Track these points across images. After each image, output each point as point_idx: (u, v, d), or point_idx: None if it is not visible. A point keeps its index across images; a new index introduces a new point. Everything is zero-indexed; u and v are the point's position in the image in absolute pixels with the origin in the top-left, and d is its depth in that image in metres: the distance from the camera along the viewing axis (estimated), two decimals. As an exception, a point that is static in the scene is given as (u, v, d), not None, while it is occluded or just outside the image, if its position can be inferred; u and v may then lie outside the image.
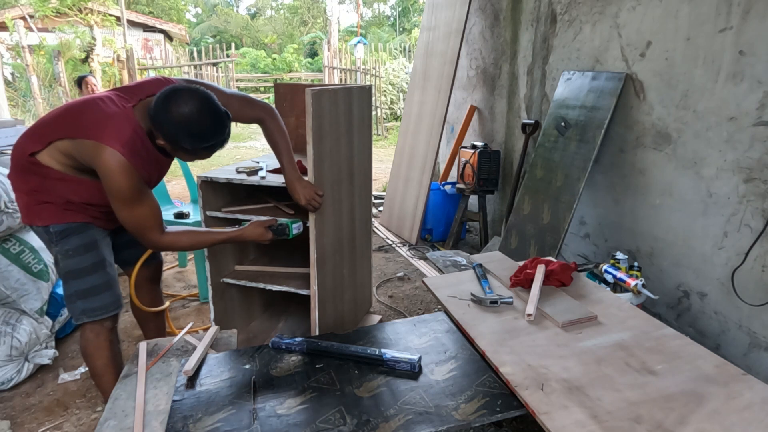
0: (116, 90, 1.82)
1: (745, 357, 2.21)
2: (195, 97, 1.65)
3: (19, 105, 8.82)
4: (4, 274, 2.40)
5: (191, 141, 1.68)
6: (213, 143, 1.71)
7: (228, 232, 1.97)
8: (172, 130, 1.65)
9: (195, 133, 1.66)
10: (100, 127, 1.64)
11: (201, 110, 1.65)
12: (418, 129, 4.43)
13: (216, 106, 1.69)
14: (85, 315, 1.88)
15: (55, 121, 1.76)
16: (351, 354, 1.68)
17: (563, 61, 3.26)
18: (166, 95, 1.65)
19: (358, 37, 18.08)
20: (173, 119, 1.63)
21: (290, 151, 2.05)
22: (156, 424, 1.46)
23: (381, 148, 9.24)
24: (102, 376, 1.97)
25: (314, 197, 2.01)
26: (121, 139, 1.63)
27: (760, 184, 2.10)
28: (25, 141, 1.78)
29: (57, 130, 1.72)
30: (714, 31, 2.23)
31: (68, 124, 1.71)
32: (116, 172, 1.63)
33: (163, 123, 1.65)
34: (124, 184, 1.65)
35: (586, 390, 1.38)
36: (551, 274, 2.02)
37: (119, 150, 1.62)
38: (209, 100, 1.68)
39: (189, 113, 1.63)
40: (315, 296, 2.18)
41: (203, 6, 27.68)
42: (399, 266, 3.85)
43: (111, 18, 10.74)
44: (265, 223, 2.00)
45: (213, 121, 1.68)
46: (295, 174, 2.02)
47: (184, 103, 1.63)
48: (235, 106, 1.94)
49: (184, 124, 1.63)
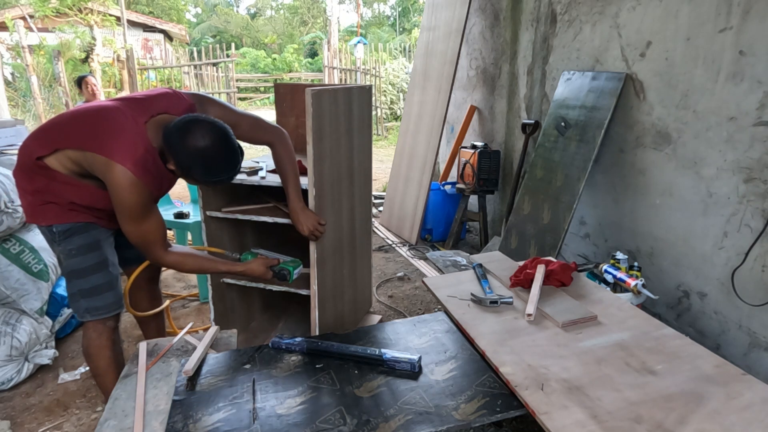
0: (127, 101, 1.80)
1: (745, 357, 2.21)
2: (212, 133, 1.66)
3: (19, 105, 8.82)
4: (4, 274, 2.40)
5: (203, 174, 1.71)
6: (224, 178, 1.74)
7: (231, 265, 1.99)
8: (187, 162, 1.67)
9: (208, 167, 1.69)
10: (111, 142, 1.65)
11: (217, 146, 1.67)
12: (418, 129, 4.43)
13: (231, 143, 1.71)
14: (89, 314, 1.89)
15: (66, 128, 1.75)
16: (351, 354, 1.68)
17: (563, 61, 3.26)
18: (185, 126, 1.65)
19: (358, 37, 18.09)
20: (189, 151, 1.64)
21: (297, 179, 2.05)
22: (156, 424, 1.46)
23: (381, 148, 9.24)
24: (104, 376, 1.97)
25: (317, 227, 2.04)
26: (132, 157, 1.64)
27: (760, 184, 2.10)
28: (32, 143, 1.77)
29: (68, 138, 1.72)
30: (714, 31, 2.23)
31: (80, 134, 1.71)
32: (125, 189, 1.65)
33: (177, 152, 1.66)
34: (132, 200, 1.67)
35: (586, 390, 1.38)
36: (551, 274, 2.02)
37: (130, 168, 1.63)
38: (226, 136, 1.69)
39: (205, 148, 1.64)
40: (315, 296, 2.18)
41: (203, 6, 27.68)
42: (399, 266, 3.85)
43: (111, 18, 10.74)
44: (269, 262, 2.03)
45: (227, 157, 1.70)
46: (299, 204, 2.03)
47: (201, 137, 1.64)
48: (245, 128, 1.95)
49: (200, 157, 1.65)
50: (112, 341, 1.96)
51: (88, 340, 1.93)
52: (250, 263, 2.01)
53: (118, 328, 2.01)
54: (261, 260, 2.02)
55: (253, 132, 1.99)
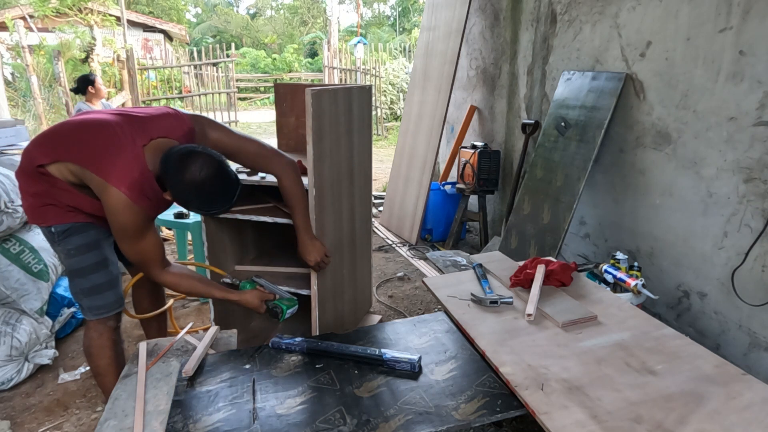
0: (128, 118, 1.79)
1: (745, 357, 2.21)
2: (208, 168, 1.66)
3: (19, 105, 8.82)
4: (4, 274, 2.40)
5: (198, 205, 1.73)
6: (220, 210, 1.77)
7: (227, 293, 1.97)
8: (183, 195, 1.69)
9: (204, 200, 1.70)
10: (109, 164, 1.66)
11: (213, 180, 1.66)
12: (418, 129, 4.43)
13: (228, 177, 1.71)
14: (90, 312, 1.91)
15: (68, 141, 1.75)
16: (351, 354, 1.68)
17: (563, 61, 3.26)
18: (181, 160, 1.65)
19: (358, 37, 18.08)
20: (185, 184, 1.65)
21: (306, 211, 2.04)
22: (156, 424, 1.46)
23: (381, 148, 9.23)
24: (104, 376, 1.97)
25: (323, 259, 2.07)
26: (127, 181, 1.65)
27: (760, 184, 2.10)
28: (35, 150, 1.78)
29: (68, 151, 1.73)
30: (714, 31, 2.23)
31: (80, 149, 1.71)
32: (120, 211, 1.66)
33: (173, 184, 1.67)
34: (127, 222, 1.69)
35: (586, 390, 1.38)
36: (551, 274, 2.02)
37: (125, 192, 1.64)
38: (221, 170, 1.69)
39: (201, 182, 1.65)
40: (315, 296, 2.18)
41: (203, 6, 27.67)
42: (399, 266, 3.85)
43: (111, 18, 10.73)
44: (264, 296, 2.01)
45: (223, 191, 1.71)
46: (308, 235, 2.04)
47: (197, 171, 1.64)
48: (248, 156, 1.95)
49: (196, 191, 1.66)
50: (113, 341, 1.97)
51: (89, 340, 1.94)
52: (245, 294, 1.99)
53: (119, 328, 2.02)
54: (257, 293, 2.01)
55: (256, 161, 1.98)
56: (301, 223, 2.03)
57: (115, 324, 1.97)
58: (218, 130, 1.91)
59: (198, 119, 1.89)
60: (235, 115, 11.68)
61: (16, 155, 2.96)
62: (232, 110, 11.68)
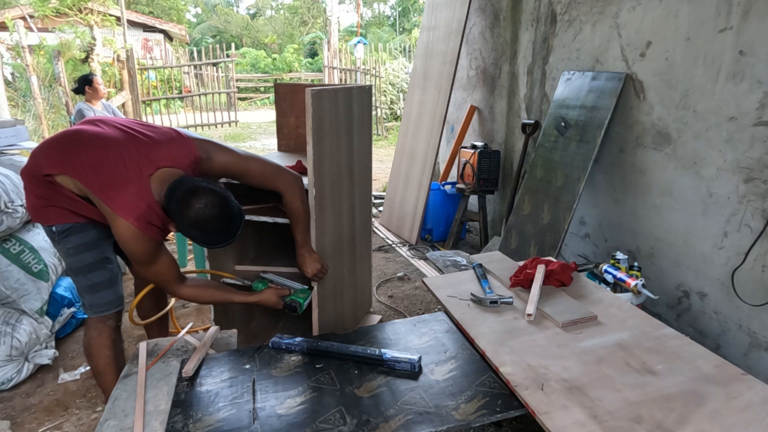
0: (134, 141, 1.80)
1: (745, 357, 2.21)
2: (213, 204, 1.68)
3: (19, 105, 8.81)
4: (4, 274, 2.40)
5: (202, 239, 1.76)
6: (222, 244, 1.79)
7: (246, 295, 2.04)
8: (187, 230, 1.72)
9: (207, 234, 1.73)
10: (116, 195, 1.69)
11: (217, 217, 1.69)
12: (418, 129, 4.43)
13: (231, 212, 1.73)
14: (91, 310, 1.92)
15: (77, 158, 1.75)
16: (351, 354, 1.68)
17: (563, 61, 3.26)
18: (187, 195, 1.68)
19: (358, 37, 18.09)
20: (189, 219, 1.68)
21: (307, 225, 2.08)
22: (156, 424, 1.46)
23: (381, 148, 9.23)
24: (104, 375, 1.98)
25: (320, 270, 2.11)
26: (135, 212, 1.69)
27: (760, 184, 2.10)
28: (43, 157, 1.80)
29: (76, 170, 1.74)
30: (714, 31, 2.23)
31: (88, 173, 1.73)
32: (130, 241, 1.71)
33: (178, 219, 1.70)
34: (138, 250, 1.74)
35: (586, 390, 1.38)
36: (551, 274, 2.02)
37: (133, 223, 1.68)
38: (226, 206, 1.72)
39: (205, 220, 1.68)
40: (315, 296, 2.18)
41: (203, 6, 27.66)
42: (399, 266, 3.85)
43: (111, 18, 10.72)
44: (281, 292, 2.09)
45: (226, 227, 1.74)
46: (306, 248, 2.09)
47: (202, 209, 1.67)
48: (255, 176, 1.96)
49: (199, 226, 1.69)
50: (113, 340, 1.97)
51: (88, 339, 1.95)
52: (263, 293, 2.07)
53: (119, 327, 2.02)
54: (273, 290, 2.08)
55: (262, 181, 2.00)
56: (301, 238, 2.09)
57: (114, 323, 1.98)
58: (225, 154, 1.92)
59: (203, 145, 1.89)
60: (235, 115, 11.68)
61: (16, 155, 2.96)
62: (232, 110, 11.68)
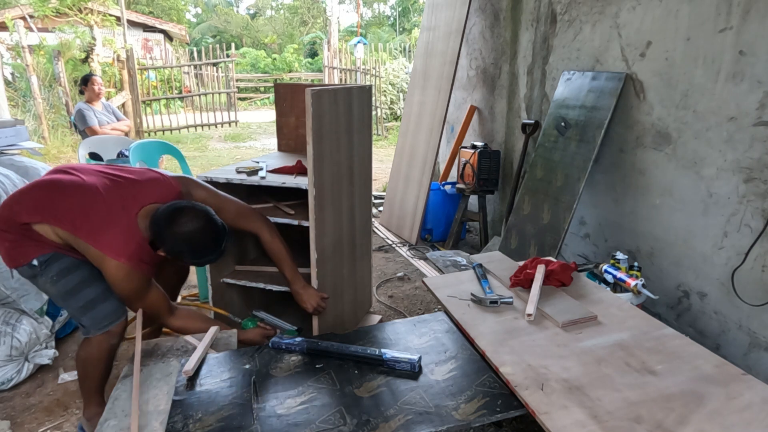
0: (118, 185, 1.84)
1: (745, 357, 2.21)
2: (196, 219, 1.78)
3: (19, 105, 8.81)
4: (4, 274, 2.40)
5: (192, 256, 1.85)
6: (212, 258, 1.88)
7: None
8: (176, 248, 1.79)
9: (196, 250, 1.82)
10: (105, 236, 1.73)
11: (202, 230, 1.79)
12: (418, 129, 4.43)
13: (215, 226, 1.83)
14: (95, 327, 1.88)
15: (57, 206, 1.76)
16: (351, 354, 1.68)
17: (563, 61, 3.26)
18: (170, 215, 1.76)
19: (358, 37, 18.09)
20: (176, 238, 1.76)
21: (291, 262, 2.15)
22: (156, 424, 1.46)
23: (381, 148, 9.23)
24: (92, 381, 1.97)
25: (320, 303, 2.14)
26: (125, 251, 1.73)
27: (760, 184, 2.10)
28: (18, 207, 1.78)
29: (58, 218, 1.75)
30: (714, 31, 2.23)
31: (72, 217, 1.74)
32: (122, 280, 1.76)
33: (166, 240, 1.77)
34: (131, 288, 1.79)
35: (586, 390, 1.38)
36: (551, 274, 2.02)
37: (124, 262, 1.73)
38: (210, 220, 1.81)
39: (191, 233, 1.76)
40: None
41: (203, 6, 27.65)
42: (399, 266, 3.85)
43: (111, 18, 10.72)
44: (267, 333, 2.12)
45: (213, 240, 1.83)
46: (300, 283, 2.14)
47: (186, 224, 1.76)
48: (230, 215, 2.04)
49: (187, 242, 1.78)
50: (110, 357, 1.95)
51: (86, 353, 1.92)
52: (249, 332, 2.11)
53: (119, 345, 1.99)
54: (260, 331, 2.13)
55: (237, 220, 2.08)
56: (290, 276, 2.15)
57: (117, 342, 1.95)
58: (202, 190, 2.01)
59: (184, 180, 1.99)
60: (235, 115, 11.67)
61: (16, 155, 2.96)
62: (232, 110, 11.67)
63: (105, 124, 4.74)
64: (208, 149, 9.31)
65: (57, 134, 8.31)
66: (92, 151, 4.18)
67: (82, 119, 4.61)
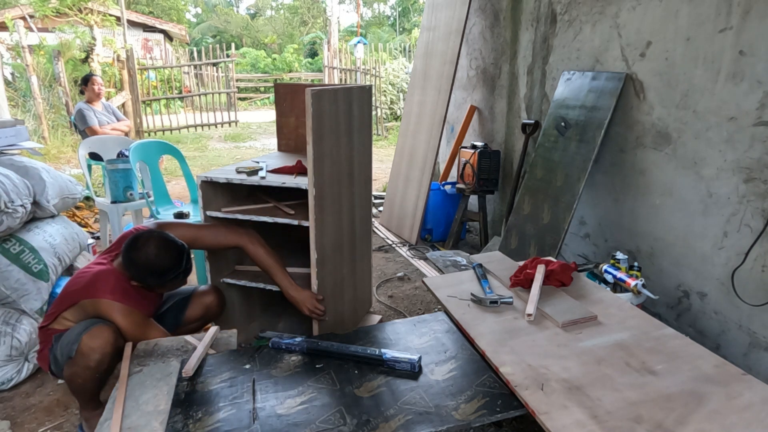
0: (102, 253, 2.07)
1: (745, 357, 2.21)
2: (150, 241, 1.90)
3: (19, 105, 8.81)
4: (4, 274, 2.40)
5: (155, 277, 1.93)
6: (174, 276, 1.94)
7: None
8: (139, 273, 1.91)
9: (156, 270, 1.91)
10: (92, 286, 1.90)
11: (157, 251, 1.90)
12: (418, 129, 4.43)
13: (169, 243, 1.94)
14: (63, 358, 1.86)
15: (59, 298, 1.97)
16: (351, 354, 1.68)
17: (563, 61, 3.26)
18: (127, 245, 1.91)
19: (358, 37, 18.09)
20: (136, 263, 1.89)
21: (282, 268, 2.20)
22: (156, 424, 1.46)
23: (381, 148, 9.23)
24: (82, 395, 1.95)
25: (316, 305, 2.16)
26: (111, 289, 1.89)
27: (760, 184, 2.10)
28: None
29: (59, 304, 1.94)
30: (714, 31, 2.23)
31: (67, 295, 1.93)
32: (116, 315, 1.87)
33: (129, 268, 1.91)
34: (127, 322, 1.88)
35: (586, 390, 1.38)
36: (551, 274, 2.02)
37: (111, 298, 1.87)
38: (163, 239, 1.93)
39: (146, 256, 1.89)
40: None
41: (203, 6, 27.66)
42: (399, 266, 3.85)
43: (111, 18, 10.72)
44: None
45: (169, 257, 1.92)
46: (292, 288, 2.18)
47: (140, 248, 1.89)
48: (208, 236, 2.16)
49: (145, 265, 1.89)
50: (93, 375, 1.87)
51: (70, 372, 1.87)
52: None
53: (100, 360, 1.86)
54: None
55: (217, 240, 2.18)
56: (281, 283, 2.19)
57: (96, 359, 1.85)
58: (178, 228, 2.11)
59: (159, 224, 2.10)
60: (235, 115, 11.68)
61: (16, 155, 2.96)
62: (232, 110, 11.68)
63: (105, 124, 4.74)
64: (208, 149, 9.32)
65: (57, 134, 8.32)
66: (92, 151, 4.18)
67: (82, 119, 4.62)
